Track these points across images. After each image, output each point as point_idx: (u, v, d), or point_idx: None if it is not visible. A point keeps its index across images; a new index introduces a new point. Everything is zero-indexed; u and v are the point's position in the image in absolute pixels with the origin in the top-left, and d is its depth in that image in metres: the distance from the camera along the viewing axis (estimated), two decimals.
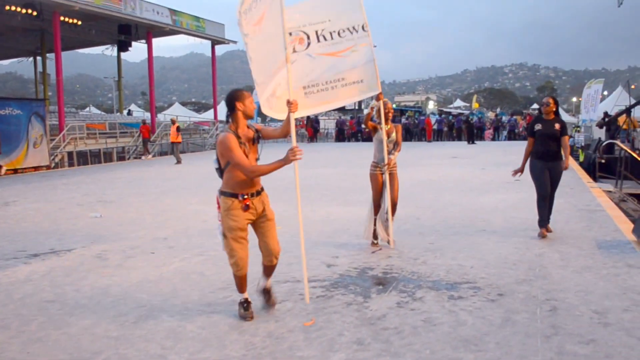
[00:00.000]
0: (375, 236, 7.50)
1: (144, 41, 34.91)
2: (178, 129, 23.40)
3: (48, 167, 22.22)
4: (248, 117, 4.83)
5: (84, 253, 7.54)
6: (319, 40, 6.62)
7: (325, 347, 4.23)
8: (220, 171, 4.89)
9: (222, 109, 53.52)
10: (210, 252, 7.25)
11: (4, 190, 15.23)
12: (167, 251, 7.50)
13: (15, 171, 20.65)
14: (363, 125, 8.12)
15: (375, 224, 7.47)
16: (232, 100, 4.75)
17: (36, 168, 21.52)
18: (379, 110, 7.34)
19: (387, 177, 7.39)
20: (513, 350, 4.04)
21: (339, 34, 6.72)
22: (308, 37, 6.55)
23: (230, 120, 4.82)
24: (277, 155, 5.00)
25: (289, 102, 5.06)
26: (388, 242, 7.39)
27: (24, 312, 5.26)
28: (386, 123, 7.39)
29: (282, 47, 5.38)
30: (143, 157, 28.89)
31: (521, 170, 8.27)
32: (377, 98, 7.20)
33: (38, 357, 4.25)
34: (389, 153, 7.42)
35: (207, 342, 4.34)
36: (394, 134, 7.51)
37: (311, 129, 40.10)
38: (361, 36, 6.82)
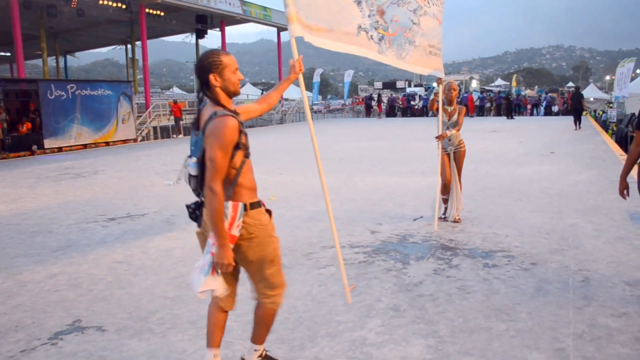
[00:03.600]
0: (444, 212, 6.76)
1: (218, 29, 34.80)
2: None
3: (135, 140, 22.49)
4: (232, 94, 2.78)
5: (155, 218, 7.43)
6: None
7: (363, 313, 3.92)
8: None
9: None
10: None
11: (96, 161, 15.42)
12: None
13: (107, 144, 20.98)
14: (429, 108, 6.74)
15: (446, 203, 6.72)
16: (205, 70, 2.71)
17: (125, 141, 21.79)
18: (447, 93, 6.61)
19: (452, 156, 6.68)
20: (545, 322, 3.63)
21: None
22: None
23: (209, 99, 2.77)
24: None
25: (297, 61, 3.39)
26: (455, 220, 6.63)
27: (95, 272, 5.14)
28: (451, 104, 6.65)
29: None
30: (174, 136, 26.25)
31: (624, 186, 4.00)
32: (438, 82, 6.32)
33: (101, 314, 4.10)
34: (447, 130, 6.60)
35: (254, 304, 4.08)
36: (455, 116, 6.61)
37: (381, 105, 39.21)
38: (439, 4, 5.62)
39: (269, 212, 2.89)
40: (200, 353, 3.40)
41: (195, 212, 2.90)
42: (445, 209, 6.78)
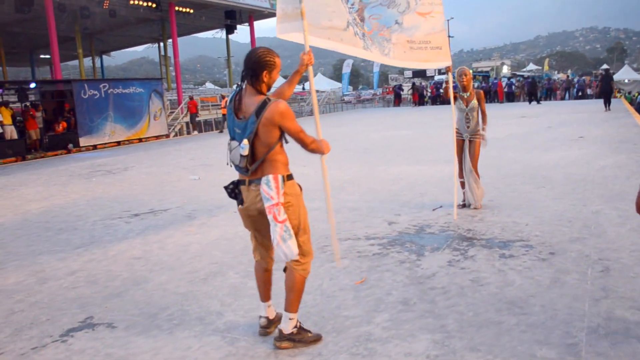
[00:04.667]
0: (463, 199, 6.64)
1: (247, 24, 34.85)
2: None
3: (167, 136, 22.68)
4: (269, 89, 3.18)
5: (177, 213, 7.42)
6: None
7: (372, 307, 3.80)
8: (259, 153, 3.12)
9: (316, 81, 53.11)
10: None
11: (128, 157, 15.60)
12: None
13: (140, 140, 21.21)
14: (444, 97, 6.63)
15: (463, 187, 6.60)
16: (262, 67, 3.07)
17: (157, 137, 22.00)
18: (459, 79, 6.53)
19: (467, 143, 6.55)
20: (558, 315, 3.45)
21: None
22: None
23: (253, 87, 3.11)
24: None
25: (307, 53, 3.58)
26: (476, 207, 6.54)
27: (113, 268, 5.14)
28: (465, 90, 6.52)
29: None
30: (192, 133, 25.10)
31: None
32: (447, 70, 6.21)
33: (113, 311, 4.08)
34: (467, 121, 6.47)
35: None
36: (474, 102, 6.47)
37: (417, 94, 38.64)
38: (438, 3, 5.73)
39: (299, 185, 3.24)
40: (205, 350, 3.34)
41: (234, 191, 3.25)
42: (464, 193, 6.64)
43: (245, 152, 3.06)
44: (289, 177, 3.17)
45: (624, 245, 4.78)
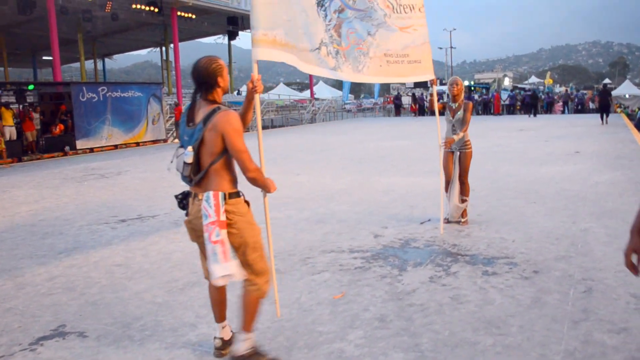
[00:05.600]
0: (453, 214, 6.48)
1: (249, 30, 34.89)
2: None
3: (165, 141, 22.61)
4: (225, 91, 3.17)
5: (164, 219, 7.35)
6: (395, 12, 5.46)
7: (347, 323, 3.73)
8: (203, 165, 3.02)
9: (318, 89, 53.01)
10: (275, 221, 6.84)
11: (123, 161, 15.52)
12: None
13: (137, 144, 21.15)
14: (429, 107, 6.50)
15: (449, 200, 6.46)
16: (213, 75, 3.01)
17: (154, 141, 21.93)
18: (449, 88, 6.41)
19: (456, 155, 6.44)
20: (535, 336, 3.38)
21: (404, 9, 5.62)
22: (392, 6, 5.45)
23: (206, 98, 3.05)
24: None
25: (252, 81, 3.37)
26: (458, 221, 6.44)
27: (92, 275, 5.08)
28: (455, 100, 6.38)
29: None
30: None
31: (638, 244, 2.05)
32: (431, 83, 6.06)
33: (87, 319, 4.02)
34: (454, 132, 6.39)
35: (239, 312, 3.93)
36: (460, 112, 6.31)
37: (415, 105, 38.50)
38: (419, 17, 5.68)
39: (247, 202, 3.13)
40: None
41: (182, 201, 3.16)
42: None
43: (189, 159, 2.97)
44: (233, 194, 3.03)
45: (610, 265, 4.70)
